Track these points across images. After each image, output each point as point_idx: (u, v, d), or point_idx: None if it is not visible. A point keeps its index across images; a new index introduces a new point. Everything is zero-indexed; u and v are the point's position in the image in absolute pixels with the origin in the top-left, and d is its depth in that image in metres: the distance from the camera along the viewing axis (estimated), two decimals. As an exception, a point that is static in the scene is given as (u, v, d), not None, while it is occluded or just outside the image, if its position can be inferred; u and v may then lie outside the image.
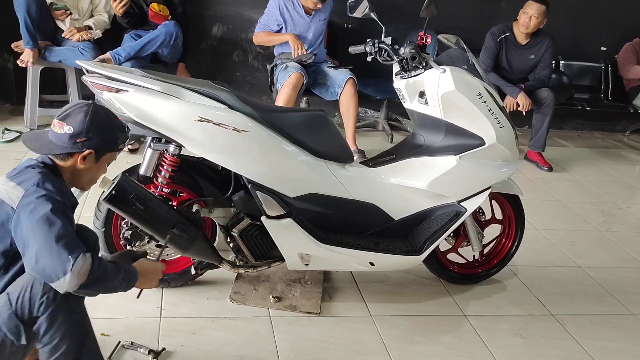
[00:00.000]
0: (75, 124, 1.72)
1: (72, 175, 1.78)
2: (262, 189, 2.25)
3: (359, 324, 2.46)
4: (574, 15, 5.57)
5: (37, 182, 1.65)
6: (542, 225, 3.61)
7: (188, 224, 2.17)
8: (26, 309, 1.59)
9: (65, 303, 1.62)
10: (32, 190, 1.63)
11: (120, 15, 4.10)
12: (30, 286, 1.59)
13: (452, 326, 2.54)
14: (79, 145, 1.72)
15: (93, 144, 1.74)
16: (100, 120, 1.75)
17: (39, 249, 1.57)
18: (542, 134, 4.67)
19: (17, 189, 1.65)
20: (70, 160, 1.75)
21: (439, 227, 2.49)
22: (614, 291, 2.97)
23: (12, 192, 1.65)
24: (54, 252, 1.56)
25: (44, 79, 4.23)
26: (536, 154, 4.75)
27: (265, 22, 4.29)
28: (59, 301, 1.60)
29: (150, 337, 2.21)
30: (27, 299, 1.59)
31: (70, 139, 1.72)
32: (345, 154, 2.48)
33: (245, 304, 2.49)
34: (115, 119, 1.84)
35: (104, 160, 1.82)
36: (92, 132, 1.72)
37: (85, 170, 1.78)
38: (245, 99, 2.24)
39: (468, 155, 2.45)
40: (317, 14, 4.25)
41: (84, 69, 2.17)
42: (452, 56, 2.55)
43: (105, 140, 1.77)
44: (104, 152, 1.79)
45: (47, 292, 1.59)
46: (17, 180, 1.68)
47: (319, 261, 2.41)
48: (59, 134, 1.73)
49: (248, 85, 5.18)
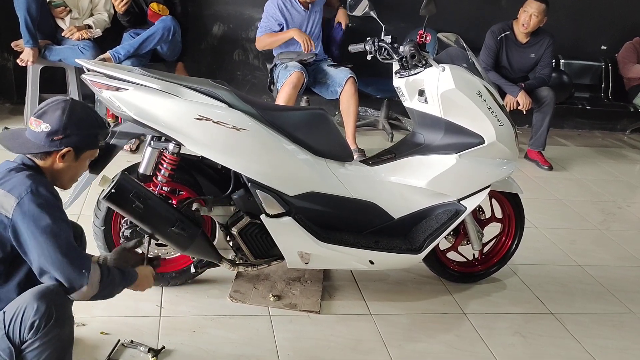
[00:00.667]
0: (52, 121, 1.66)
1: (52, 175, 1.73)
2: (262, 188, 2.25)
3: (358, 323, 2.47)
4: (575, 14, 5.57)
5: (30, 188, 1.60)
6: (542, 224, 3.61)
7: (187, 222, 2.17)
8: (17, 332, 1.57)
9: (56, 329, 1.58)
10: (27, 199, 1.58)
11: (121, 12, 4.10)
12: (23, 310, 1.56)
13: (452, 325, 2.54)
14: (56, 143, 1.67)
15: (71, 142, 1.68)
16: (78, 117, 1.69)
17: (50, 267, 1.59)
18: (543, 133, 4.66)
19: (8, 196, 1.59)
20: (49, 159, 1.70)
21: (439, 225, 2.49)
22: (614, 290, 2.97)
23: (3, 200, 1.59)
24: (66, 267, 1.59)
25: (44, 78, 4.23)
26: (536, 153, 4.74)
27: (266, 24, 4.28)
28: (49, 328, 1.57)
29: (150, 336, 2.21)
30: (19, 323, 1.56)
31: (48, 137, 1.66)
32: (345, 152, 2.48)
33: (245, 303, 2.49)
34: (95, 114, 1.78)
35: (84, 157, 1.77)
36: (70, 129, 1.67)
37: (65, 168, 1.73)
38: (245, 98, 2.24)
39: (468, 154, 2.45)
40: (313, 6, 4.26)
41: (83, 68, 2.17)
42: (452, 54, 2.55)
43: (84, 138, 1.71)
44: (83, 150, 1.74)
45: (38, 319, 1.55)
46: (5, 187, 1.62)
47: (319, 260, 2.41)
48: (36, 132, 1.67)
49: (248, 84, 5.18)
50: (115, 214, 2.35)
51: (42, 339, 1.57)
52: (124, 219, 2.31)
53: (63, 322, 1.60)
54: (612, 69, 5.58)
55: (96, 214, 2.36)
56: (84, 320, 2.21)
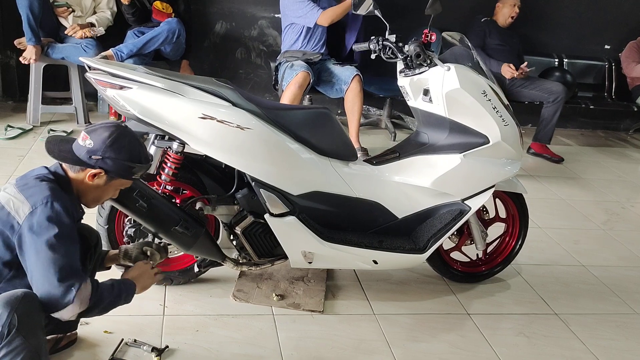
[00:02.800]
0: (96, 140, 1.74)
1: (79, 190, 1.79)
2: (266, 187, 2.25)
3: (362, 322, 2.46)
4: (578, 13, 5.56)
5: (46, 199, 1.64)
6: (545, 223, 3.61)
7: (191, 221, 2.17)
8: None
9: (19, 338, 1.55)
10: (40, 209, 1.63)
11: (127, 3, 4.10)
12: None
13: (456, 325, 2.53)
14: (92, 162, 1.74)
15: (106, 165, 1.75)
16: (121, 145, 1.75)
17: (40, 278, 1.60)
18: (551, 127, 4.72)
19: (24, 204, 1.64)
20: (82, 173, 1.77)
21: (443, 225, 2.48)
22: (618, 290, 2.96)
23: (19, 205, 1.65)
24: (54, 283, 1.59)
25: (46, 76, 4.23)
26: (543, 147, 4.76)
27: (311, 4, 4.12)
28: (11, 336, 1.54)
29: (153, 335, 2.21)
30: None
31: (87, 154, 1.74)
32: (349, 151, 2.47)
33: (249, 302, 2.48)
34: (141, 149, 1.83)
35: (115, 184, 1.82)
36: (109, 153, 1.74)
37: (93, 188, 1.79)
38: (248, 97, 2.23)
39: (472, 154, 2.44)
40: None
41: (86, 66, 2.16)
42: (457, 54, 2.54)
43: (119, 166, 1.76)
44: (114, 177, 1.79)
45: (3, 325, 1.53)
46: (25, 193, 1.67)
47: (322, 259, 2.41)
48: (81, 145, 1.76)
49: (251, 82, 5.17)
50: (119, 212, 2.34)
51: (7, 348, 1.54)
52: (128, 217, 2.31)
53: (27, 332, 1.56)
54: (616, 69, 5.57)
55: (100, 213, 2.36)
56: (87, 319, 2.20)
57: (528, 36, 5.41)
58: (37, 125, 4.23)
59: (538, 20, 5.48)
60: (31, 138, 4.04)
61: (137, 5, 4.19)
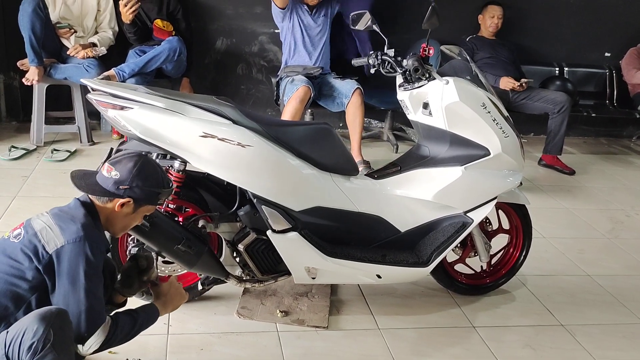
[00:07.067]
0: (122, 171, 1.80)
1: (107, 219, 1.84)
2: (268, 204, 2.25)
3: (367, 337, 2.45)
4: (578, 21, 5.56)
5: (79, 238, 1.69)
6: (549, 233, 3.59)
7: (194, 239, 2.17)
8: (16, 354, 1.57)
9: (52, 353, 1.58)
10: (72, 246, 1.68)
11: (128, 22, 4.13)
12: (23, 331, 1.57)
13: (461, 338, 2.52)
14: (120, 192, 1.79)
15: (134, 194, 1.80)
16: (146, 174, 1.82)
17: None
18: (560, 138, 4.72)
19: (58, 236, 1.69)
20: (110, 204, 1.82)
21: (446, 238, 2.48)
22: (624, 300, 2.94)
23: (52, 237, 1.70)
24: (81, 318, 1.68)
25: (49, 96, 4.26)
26: (555, 159, 4.76)
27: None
28: (45, 351, 1.56)
29: (157, 354, 2.21)
30: (18, 344, 1.57)
31: (115, 184, 1.79)
32: (350, 166, 2.48)
33: (253, 319, 2.48)
34: (163, 175, 1.90)
35: (142, 211, 1.88)
36: (136, 182, 1.79)
37: (121, 216, 1.84)
38: (249, 114, 2.25)
39: (473, 166, 2.44)
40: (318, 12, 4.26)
41: (88, 87, 2.18)
42: (456, 67, 2.55)
43: (146, 193, 1.82)
44: (142, 204, 1.85)
45: (36, 342, 1.56)
46: (61, 224, 1.72)
47: (326, 274, 2.41)
48: (106, 177, 1.80)
49: (252, 98, 5.19)
50: (122, 232, 2.35)
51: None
52: (131, 237, 2.31)
53: (61, 347, 1.59)
54: (617, 76, 5.56)
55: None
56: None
57: (527, 46, 5.41)
58: (41, 145, 4.25)
59: (537, 29, 5.49)
60: (35, 158, 4.06)
61: (138, 24, 4.23)
